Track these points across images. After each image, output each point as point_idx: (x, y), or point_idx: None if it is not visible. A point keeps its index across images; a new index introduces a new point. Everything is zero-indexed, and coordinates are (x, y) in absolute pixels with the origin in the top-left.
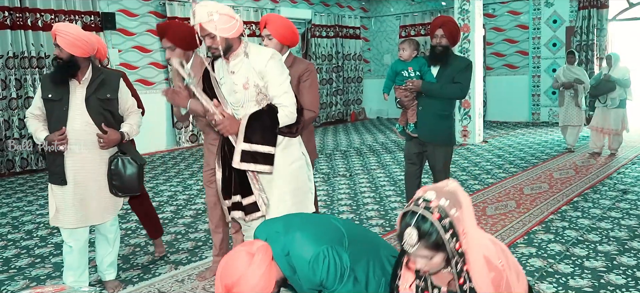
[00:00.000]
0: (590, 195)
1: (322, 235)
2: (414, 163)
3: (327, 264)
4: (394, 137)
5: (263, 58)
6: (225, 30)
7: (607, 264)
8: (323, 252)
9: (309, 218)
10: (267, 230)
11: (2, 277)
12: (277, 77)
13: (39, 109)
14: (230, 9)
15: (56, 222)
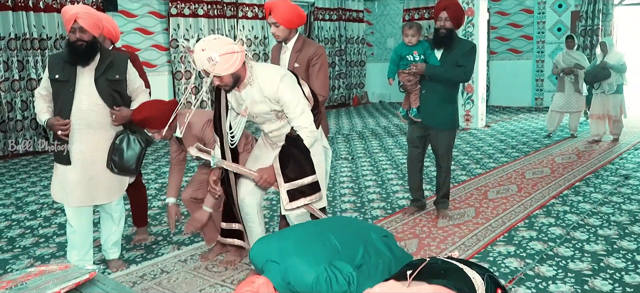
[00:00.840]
0: (592, 180)
1: (316, 254)
2: (417, 147)
3: (330, 283)
4: (397, 121)
5: (273, 84)
6: (229, 68)
7: (607, 248)
8: (322, 274)
9: (300, 237)
10: (262, 256)
11: (7, 256)
12: (291, 100)
13: (46, 88)
14: (228, 41)
15: (62, 200)
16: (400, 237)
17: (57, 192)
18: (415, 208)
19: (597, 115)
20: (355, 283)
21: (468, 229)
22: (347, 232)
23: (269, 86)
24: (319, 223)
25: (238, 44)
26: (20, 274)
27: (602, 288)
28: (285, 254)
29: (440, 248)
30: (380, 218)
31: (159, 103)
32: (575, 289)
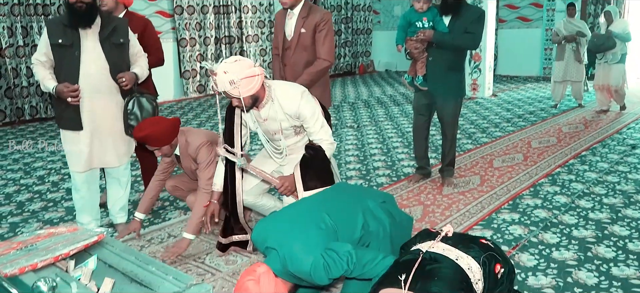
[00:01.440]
0: (599, 150)
1: (312, 240)
2: (423, 115)
3: (327, 267)
4: (403, 89)
5: (294, 101)
6: (249, 90)
7: (611, 216)
8: (317, 260)
9: (297, 220)
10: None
11: (17, 219)
12: (311, 115)
13: (45, 55)
14: (249, 64)
15: (73, 165)
16: (405, 204)
17: (68, 159)
18: (421, 176)
19: (601, 85)
20: (354, 259)
21: (473, 197)
22: (344, 207)
23: (290, 103)
24: (315, 202)
25: (257, 66)
26: (30, 236)
27: (606, 255)
28: (282, 241)
29: (445, 215)
30: (385, 186)
31: (160, 121)
32: (578, 256)
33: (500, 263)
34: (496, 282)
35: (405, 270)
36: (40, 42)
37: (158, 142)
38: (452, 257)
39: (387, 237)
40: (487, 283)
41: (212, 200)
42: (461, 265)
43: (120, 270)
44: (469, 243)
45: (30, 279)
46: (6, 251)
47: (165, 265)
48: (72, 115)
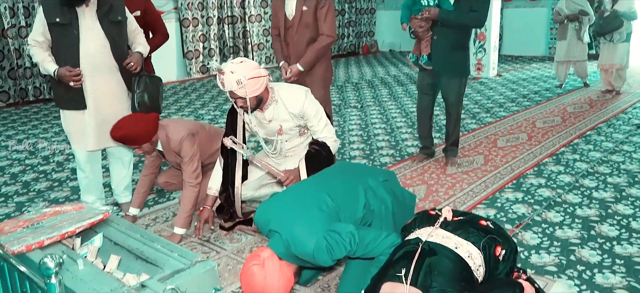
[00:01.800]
0: (604, 129)
1: (315, 221)
2: (427, 95)
3: (330, 249)
4: (406, 69)
5: (298, 102)
6: (255, 91)
7: (615, 195)
8: (320, 242)
9: (298, 202)
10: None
11: (23, 199)
12: (314, 115)
13: (43, 34)
14: (255, 65)
15: (78, 145)
16: (408, 184)
17: (74, 140)
18: (424, 155)
19: (608, 65)
20: (357, 239)
21: (476, 176)
22: (345, 187)
23: (294, 103)
24: (316, 183)
25: (262, 68)
26: (36, 214)
27: (609, 233)
28: (285, 224)
29: (448, 194)
30: (389, 165)
31: (138, 120)
32: (581, 234)
33: (501, 245)
34: (498, 264)
35: (405, 262)
36: (36, 22)
37: (136, 141)
38: (451, 246)
39: (390, 215)
40: (488, 267)
41: (206, 206)
42: (461, 254)
43: (126, 248)
44: (468, 227)
45: (37, 257)
46: (13, 229)
47: (170, 242)
48: (74, 96)
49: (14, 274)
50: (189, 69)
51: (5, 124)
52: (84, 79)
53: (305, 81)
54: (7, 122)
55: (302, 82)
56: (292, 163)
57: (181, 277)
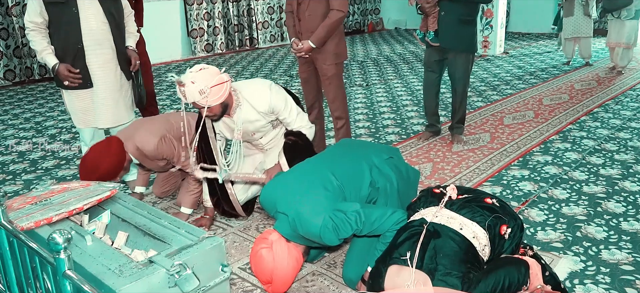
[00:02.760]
0: (611, 106)
1: (320, 201)
2: (434, 72)
3: (336, 228)
4: (412, 47)
5: (264, 98)
6: (219, 99)
7: (622, 172)
8: (326, 222)
9: (303, 182)
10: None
11: (31, 177)
12: (284, 106)
13: (40, 15)
14: (216, 71)
15: (86, 125)
16: (414, 162)
17: (81, 119)
18: (430, 133)
19: (615, 43)
20: (363, 218)
21: (483, 154)
22: (350, 166)
23: (261, 101)
24: (320, 162)
25: (224, 73)
26: (44, 191)
27: (615, 210)
28: (290, 205)
29: (454, 172)
30: (395, 143)
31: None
32: (588, 211)
33: (506, 224)
34: (503, 243)
35: (410, 245)
36: (31, 3)
37: (114, 175)
38: (456, 227)
39: (395, 192)
40: (493, 246)
41: (204, 216)
42: (466, 235)
43: (134, 224)
44: (473, 206)
45: (45, 233)
46: (21, 205)
47: (177, 219)
48: (81, 74)
49: (23, 250)
50: (194, 47)
51: (12, 102)
52: (87, 55)
53: (317, 58)
54: (13, 100)
55: (314, 59)
56: (273, 156)
57: (189, 253)
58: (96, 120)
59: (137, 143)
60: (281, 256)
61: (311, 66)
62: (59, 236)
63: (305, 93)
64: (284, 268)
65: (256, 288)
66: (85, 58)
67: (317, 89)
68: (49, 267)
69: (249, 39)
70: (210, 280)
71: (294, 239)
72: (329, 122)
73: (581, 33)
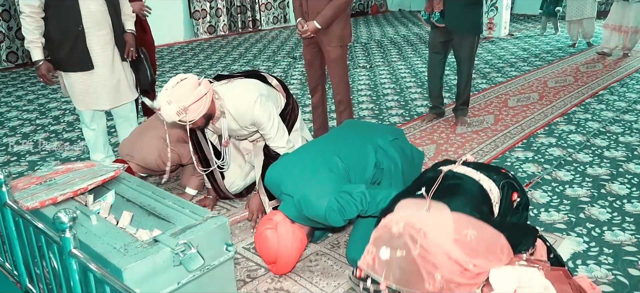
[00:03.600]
0: (617, 89)
1: (325, 183)
2: (438, 53)
3: (341, 210)
4: (416, 29)
5: (247, 113)
6: (199, 113)
7: (627, 154)
8: (332, 204)
9: (308, 164)
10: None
11: (35, 158)
12: (267, 120)
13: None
14: (193, 84)
15: (86, 107)
16: (418, 143)
17: (81, 101)
18: (434, 115)
19: (613, 26)
20: (368, 199)
21: (487, 136)
22: (354, 148)
23: (243, 115)
24: (325, 144)
25: (204, 83)
26: (49, 171)
27: (619, 191)
28: (296, 187)
29: (458, 153)
30: (398, 125)
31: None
32: (591, 193)
33: (518, 192)
34: (511, 210)
35: (426, 184)
36: None
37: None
38: (474, 177)
39: (399, 172)
40: (502, 207)
41: (208, 196)
42: (483, 185)
43: (138, 204)
44: (489, 168)
45: (50, 212)
46: (26, 186)
47: (181, 199)
48: (82, 56)
49: (29, 229)
50: (196, 29)
51: (15, 84)
52: (87, 36)
53: (322, 39)
54: (16, 82)
55: (319, 41)
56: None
57: (193, 232)
58: (97, 102)
59: (135, 160)
60: (285, 237)
61: (315, 48)
62: (64, 215)
63: (309, 75)
64: (288, 249)
65: (260, 267)
66: (85, 40)
67: (320, 71)
68: (54, 246)
69: (251, 20)
70: (215, 259)
71: (298, 220)
72: (332, 104)
73: (585, 14)
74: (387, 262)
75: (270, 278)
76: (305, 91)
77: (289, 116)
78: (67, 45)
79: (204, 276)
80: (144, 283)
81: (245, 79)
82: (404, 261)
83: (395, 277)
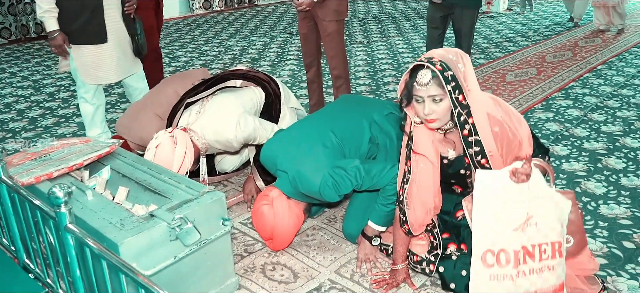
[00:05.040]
0: (615, 64)
1: (320, 159)
2: (437, 28)
3: (336, 185)
4: (414, 4)
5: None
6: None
7: (624, 129)
8: (326, 180)
9: (303, 140)
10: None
11: (31, 134)
12: (252, 135)
13: None
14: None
15: (95, 81)
16: None
17: (91, 75)
18: None
19: (602, 3)
20: (363, 173)
21: None
22: (349, 123)
23: (229, 142)
24: (320, 119)
25: (179, 138)
26: (44, 147)
27: (616, 166)
28: (291, 163)
29: None
30: (396, 100)
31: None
32: (588, 167)
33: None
34: None
35: None
36: None
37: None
38: None
39: (395, 148)
40: None
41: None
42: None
43: (134, 180)
44: None
45: (46, 188)
46: (21, 161)
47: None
48: (97, 29)
49: (25, 205)
50: (192, 5)
51: (8, 61)
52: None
53: (317, 13)
54: (10, 59)
55: (315, 15)
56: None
57: (189, 207)
58: (107, 76)
59: (136, 140)
60: (282, 213)
61: (311, 22)
62: (59, 190)
63: (305, 50)
64: (285, 225)
65: (257, 242)
66: (103, 12)
67: (316, 46)
68: (51, 221)
69: None
70: (211, 234)
71: (294, 196)
72: (329, 80)
73: None
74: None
75: (267, 252)
76: (302, 67)
77: (273, 104)
78: (83, 17)
79: (201, 250)
80: (140, 258)
81: (217, 100)
82: (455, 55)
83: (439, 53)
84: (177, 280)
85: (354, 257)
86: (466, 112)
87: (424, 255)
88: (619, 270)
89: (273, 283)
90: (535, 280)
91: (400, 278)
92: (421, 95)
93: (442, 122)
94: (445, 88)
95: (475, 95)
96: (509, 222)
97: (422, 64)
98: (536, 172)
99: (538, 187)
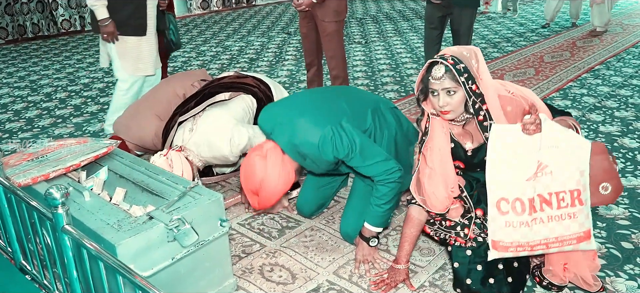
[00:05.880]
0: (613, 64)
1: (324, 114)
2: (436, 28)
3: (334, 142)
4: (412, 4)
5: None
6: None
7: (622, 129)
8: (328, 133)
9: (309, 100)
10: (270, 121)
11: (27, 135)
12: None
13: None
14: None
15: (137, 73)
16: (413, 119)
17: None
18: None
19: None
20: (358, 146)
21: None
22: (357, 100)
23: (225, 157)
24: (329, 89)
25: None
26: (41, 148)
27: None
28: (292, 116)
29: None
30: (394, 100)
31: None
32: None
33: None
34: None
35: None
36: None
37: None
38: None
39: (392, 140)
40: None
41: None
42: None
43: (131, 180)
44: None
45: (42, 189)
46: (18, 162)
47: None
48: (139, 21)
49: (21, 206)
50: (190, 4)
51: (5, 61)
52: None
53: (317, 13)
54: (7, 59)
55: (314, 14)
56: None
57: (187, 208)
58: (146, 68)
59: (135, 141)
60: (273, 166)
61: (311, 21)
62: (56, 191)
63: (305, 49)
64: (274, 180)
65: (255, 243)
66: (146, 5)
67: (316, 46)
68: (47, 222)
69: None
70: (209, 235)
71: (289, 152)
72: (327, 80)
73: None
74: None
75: (265, 253)
76: (300, 67)
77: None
78: (128, 9)
79: (199, 251)
80: (138, 259)
81: (208, 116)
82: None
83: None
84: (174, 282)
85: (353, 258)
86: (480, 99)
87: (458, 219)
88: (618, 270)
89: (271, 284)
90: (554, 226)
91: (400, 278)
92: (436, 88)
93: (456, 113)
94: (459, 80)
95: (486, 83)
96: (521, 172)
97: (436, 61)
98: (549, 123)
99: (552, 138)
